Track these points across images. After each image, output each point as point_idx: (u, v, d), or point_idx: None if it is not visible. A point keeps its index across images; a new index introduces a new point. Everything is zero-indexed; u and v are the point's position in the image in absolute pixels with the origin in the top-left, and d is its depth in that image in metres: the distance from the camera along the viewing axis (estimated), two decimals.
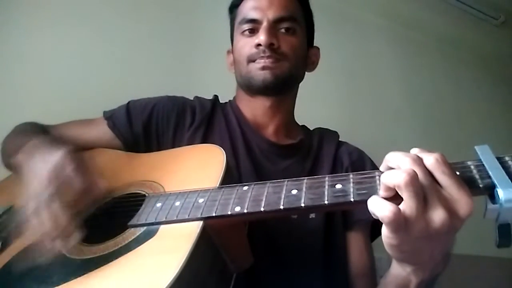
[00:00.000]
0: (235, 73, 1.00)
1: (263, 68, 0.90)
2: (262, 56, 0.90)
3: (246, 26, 0.94)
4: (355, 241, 0.88)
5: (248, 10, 0.95)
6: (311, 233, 0.84)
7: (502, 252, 0.49)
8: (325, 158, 0.95)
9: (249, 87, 0.95)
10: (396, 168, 0.49)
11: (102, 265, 0.57)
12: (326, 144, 0.99)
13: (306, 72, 1.03)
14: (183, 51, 1.56)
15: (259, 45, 0.90)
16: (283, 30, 0.93)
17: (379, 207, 0.47)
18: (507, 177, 0.45)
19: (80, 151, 0.85)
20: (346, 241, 0.88)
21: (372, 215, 0.48)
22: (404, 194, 0.46)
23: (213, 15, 1.59)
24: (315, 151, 0.96)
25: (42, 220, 0.59)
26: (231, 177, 0.69)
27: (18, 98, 1.23)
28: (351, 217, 0.88)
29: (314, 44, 1.07)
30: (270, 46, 0.90)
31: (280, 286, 0.78)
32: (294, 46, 0.94)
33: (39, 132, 0.84)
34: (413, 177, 0.46)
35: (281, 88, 0.94)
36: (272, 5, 0.93)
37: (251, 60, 0.92)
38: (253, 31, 0.93)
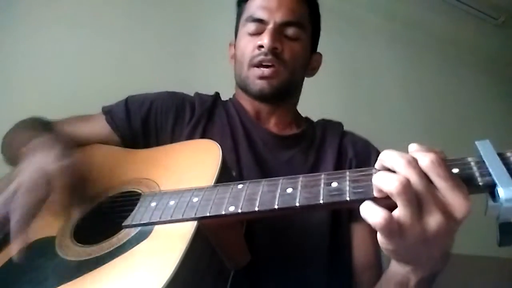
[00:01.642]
0: (234, 70, 0.98)
1: (261, 77, 0.89)
2: (263, 61, 0.88)
3: (252, 25, 0.92)
4: (360, 233, 0.86)
5: (255, 8, 0.92)
6: (315, 227, 0.82)
7: (502, 252, 0.49)
8: (329, 149, 0.93)
9: (246, 91, 0.94)
10: (390, 169, 0.48)
11: (97, 267, 0.56)
12: (329, 135, 0.97)
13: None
14: (184, 48, 1.56)
15: (261, 46, 0.88)
16: (288, 35, 0.91)
17: (370, 213, 0.46)
18: (508, 175, 0.44)
19: (78, 150, 0.85)
20: (351, 233, 0.87)
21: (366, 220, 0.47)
22: (397, 202, 0.46)
23: (214, 13, 1.59)
24: (319, 142, 0.95)
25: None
26: (227, 173, 0.68)
27: (18, 96, 1.23)
28: (356, 208, 0.86)
29: None
30: (273, 50, 0.88)
31: (284, 280, 0.77)
32: (296, 52, 0.92)
33: (44, 129, 0.84)
34: (406, 185, 0.45)
35: (278, 97, 0.93)
36: (281, 7, 0.91)
37: (251, 64, 0.90)
38: (258, 31, 0.91)
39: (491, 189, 0.45)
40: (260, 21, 0.91)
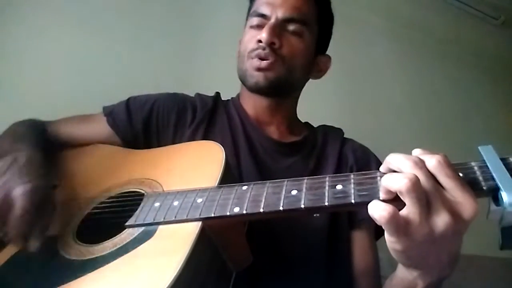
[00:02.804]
0: (237, 64, 0.98)
1: (258, 69, 0.89)
2: (259, 55, 0.88)
3: (255, 20, 0.93)
4: (359, 239, 0.87)
5: (260, 3, 0.93)
6: (315, 231, 0.82)
7: (502, 252, 0.49)
8: (330, 156, 0.93)
9: (244, 84, 0.94)
10: (398, 171, 0.48)
11: (100, 267, 0.57)
12: (330, 141, 0.97)
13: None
14: (185, 48, 1.56)
15: (260, 41, 0.88)
16: (289, 31, 0.91)
17: (376, 209, 0.46)
18: (511, 179, 0.45)
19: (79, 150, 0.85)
20: (350, 239, 0.87)
21: (374, 219, 0.47)
22: (406, 200, 0.46)
23: (216, 13, 1.59)
24: (319, 149, 0.95)
25: None
26: (230, 175, 0.68)
27: (18, 96, 1.23)
28: (355, 215, 0.87)
29: None
30: (270, 45, 0.88)
31: (284, 282, 0.77)
32: (296, 49, 0.91)
33: (34, 136, 0.81)
34: (415, 183, 0.45)
35: (274, 92, 0.92)
36: (284, 4, 0.91)
37: (250, 56, 0.90)
38: (260, 26, 0.92)
39: (494, 193, 0.46)
40: (263, 16, 0.92)
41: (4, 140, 0.82)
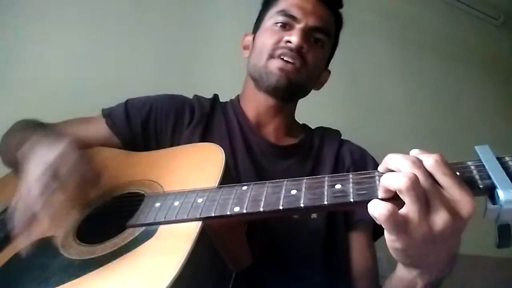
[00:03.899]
0: (249, 59, 0.99)
1: (281, 70, 0.90)
2: (284, 55, 0.90)
3: (282, 19, 0.94)
4: (357, 241, 0.88)
5: (291, 5, 0.94)
6: (313, 233, 0.83)
7: (502, 252, 0.49)
8: (327, 158, 0.94)
9: (259, 81, 0.94)
10: (396, 171, 0.49)
11: (101, 266, 0.57)
12: (327, 143, 0.98)
13: None
14: (185, 50, 1.56)
15: (289, 42, 0.90)
16: (314, 40, 0.94)
17: (375, 208, 0.47)
18: (507, 178, 0.45)
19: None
20: (348, 241, 0.88)
21: (373, 218, 0.48)
22: (406, 198, 0.46)
23: (216, 15, 1.59)
24: (316, 151, 0.96)
25: (33, 200, 0.59)
26: (230, 177, 0.69)
27: (17, 98, 1.23)
28: (353, 216, 0.88)
29: None
30: (299, 48, 0.90)
31: (282, 285, 0.78)
32: (318, 59, 0.95)
33: (38, 128, 0.84)
34: (415, 181, 0.45)
35: (289, 94, 0.94)
36: (315, 12, 0.94)
37: (272, 55, 0.91)
38: (285, 26, 0.93)
39: (490, 192, 0.46)
40: (293, 18, 0.93)
41: (13, 135, 0.85)
